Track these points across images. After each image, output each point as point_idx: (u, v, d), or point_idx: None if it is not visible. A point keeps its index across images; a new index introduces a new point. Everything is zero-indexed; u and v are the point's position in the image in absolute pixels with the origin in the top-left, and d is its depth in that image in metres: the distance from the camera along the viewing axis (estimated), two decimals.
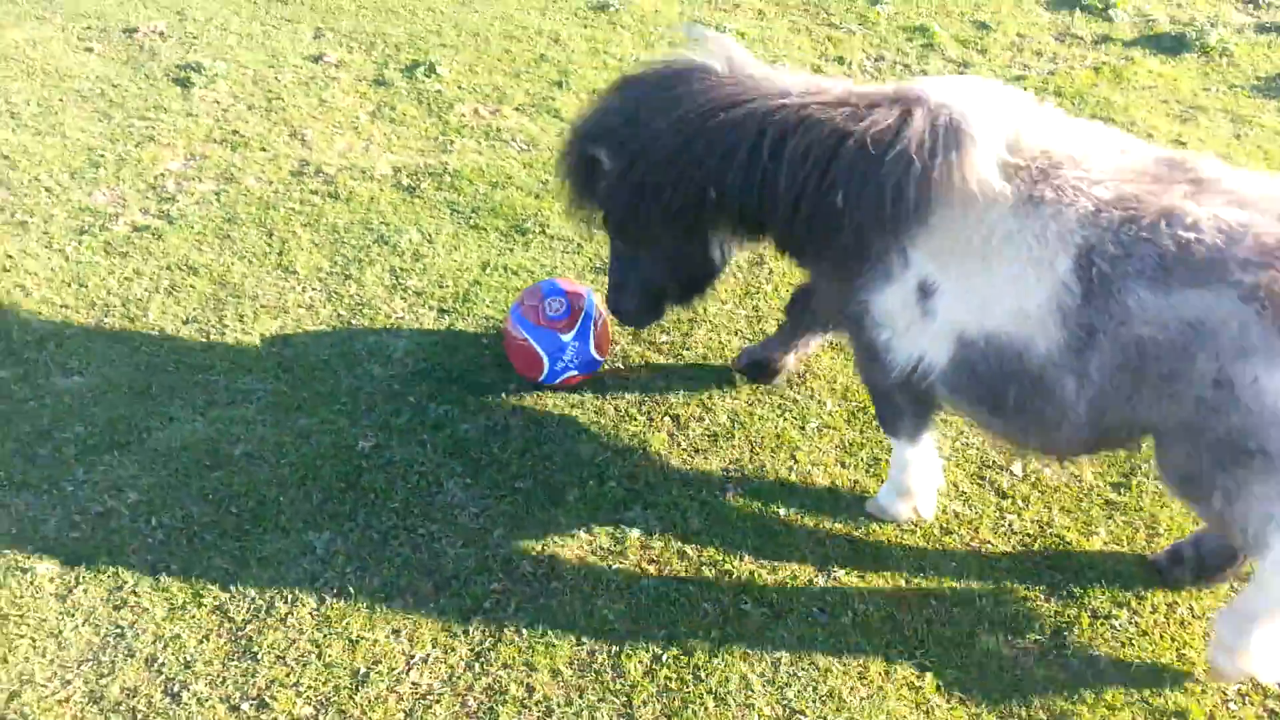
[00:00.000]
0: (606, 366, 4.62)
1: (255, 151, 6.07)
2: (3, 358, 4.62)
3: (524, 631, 3.57)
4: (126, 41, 7.18)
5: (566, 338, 4.36)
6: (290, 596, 3.66)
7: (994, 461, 4.28)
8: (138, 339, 4.75)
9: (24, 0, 7.69)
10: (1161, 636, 3.64)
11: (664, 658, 3.51)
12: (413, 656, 3.49)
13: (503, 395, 4.51)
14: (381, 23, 7.54)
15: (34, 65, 6.84)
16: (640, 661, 3.49)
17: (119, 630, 3.54)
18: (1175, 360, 2.94)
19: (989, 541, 3.96)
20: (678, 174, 3.53)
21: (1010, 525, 4.03)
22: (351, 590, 3.68)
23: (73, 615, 3.58)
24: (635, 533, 3.92)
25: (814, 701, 3.40)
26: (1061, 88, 7.03)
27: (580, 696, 3.39)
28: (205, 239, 5.37)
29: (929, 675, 3.49)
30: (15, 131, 6.15)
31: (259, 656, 3.47)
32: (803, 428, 4.41)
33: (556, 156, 4.16)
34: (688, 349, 4.79)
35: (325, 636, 3.54)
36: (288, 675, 3.42)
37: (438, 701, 3.36)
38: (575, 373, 4.45)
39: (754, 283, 5.23)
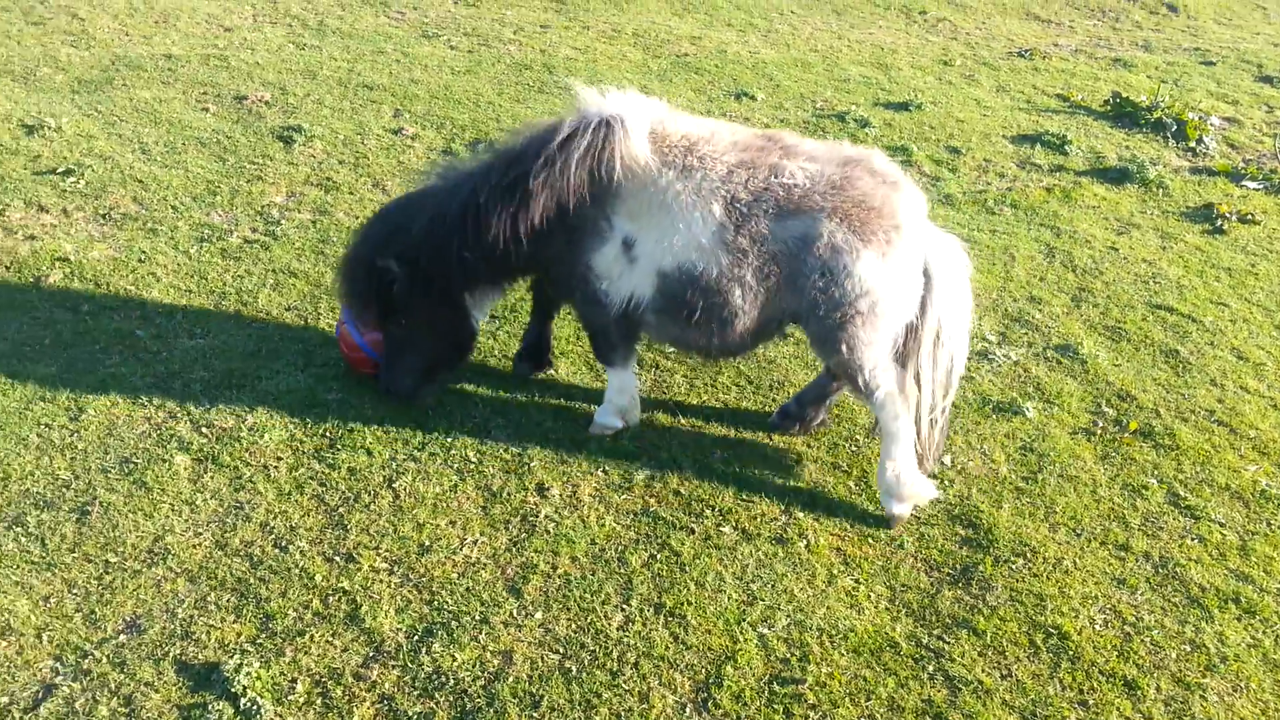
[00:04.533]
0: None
1: (345, 194, 7.36)
2: (140, 323, 5.77)
3: (550, 531, 4.60)
4: (237, 106, 8.60)
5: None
6: (373, 491, 4.70)
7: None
8: (248, 317, 5.90)
9: (150, 68, 9.18)
10: (1048, 577, 4.64)
11: (659, 556, 4.52)
12: (465, 539, 4.51)
13: (529, 384, 5.64)
14: (449, 109, 8.97)
15: (160, 117, 8.23)
16: (640, 558, 4.50)
17: (239, 505, 4.57)
18: (797, 263, 4.48)
19: (919, 506, 4.99)
20: (448, 254, 4.76)
21: (941, 501, 5.07)
22: (420, 492, 4.72)
23: (202, 492, 4.62)
24: (641, 475, 4.97)
25: (771, 594, 4.39)
26: (1017, 201, 8.37)
27: (593, 575, 4.39)
28: (304, 253, 6.58)
29: (862, 587, 4.49)
30: (147, 164, 7.46)
31: (348, 528, 4.49)
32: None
33: (340, 273, 5.19)
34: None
35: (399, 520, 4.56)
36: (370, 541, 4.44)
37: (484, 569, 4.37)
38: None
39: None
